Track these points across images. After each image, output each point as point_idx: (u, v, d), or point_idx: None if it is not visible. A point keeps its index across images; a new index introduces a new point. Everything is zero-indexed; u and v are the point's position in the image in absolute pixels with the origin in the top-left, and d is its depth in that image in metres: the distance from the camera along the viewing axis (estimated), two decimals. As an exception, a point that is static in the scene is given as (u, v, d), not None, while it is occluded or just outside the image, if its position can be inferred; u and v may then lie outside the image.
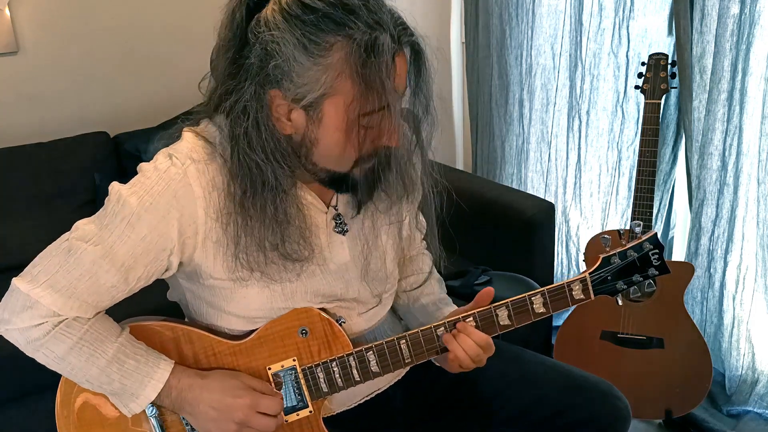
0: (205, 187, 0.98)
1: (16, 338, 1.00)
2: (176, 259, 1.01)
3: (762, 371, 1.98)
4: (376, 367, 1.09)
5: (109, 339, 1.01)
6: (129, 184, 0.99)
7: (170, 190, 0.97)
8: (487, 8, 2.49)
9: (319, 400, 1.11)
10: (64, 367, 1.01)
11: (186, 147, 1.00)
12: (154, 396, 1.02)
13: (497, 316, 1.08)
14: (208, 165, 0.99)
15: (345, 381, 1.10)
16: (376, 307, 1.19)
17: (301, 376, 1.09)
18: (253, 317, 1.08)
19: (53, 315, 0.97)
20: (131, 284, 1.00)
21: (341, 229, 1.11)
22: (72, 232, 0.99)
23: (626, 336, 1.93)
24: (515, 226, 2.15)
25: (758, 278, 1.91)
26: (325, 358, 1.09)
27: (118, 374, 1.01)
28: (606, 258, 1.08)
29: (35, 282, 0.97)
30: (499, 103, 2.56)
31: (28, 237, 2.28)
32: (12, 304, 0.98)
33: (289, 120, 0.98)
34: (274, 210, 0.99)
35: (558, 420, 1.20)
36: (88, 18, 2.63)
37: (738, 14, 1.76)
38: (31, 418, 1.92)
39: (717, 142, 1.88)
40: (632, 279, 1.08)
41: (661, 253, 1.07)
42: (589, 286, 1.08)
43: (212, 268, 1.02)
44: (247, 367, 1.08)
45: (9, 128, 2.53)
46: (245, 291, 1.05)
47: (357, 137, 0.96)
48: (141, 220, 0.97)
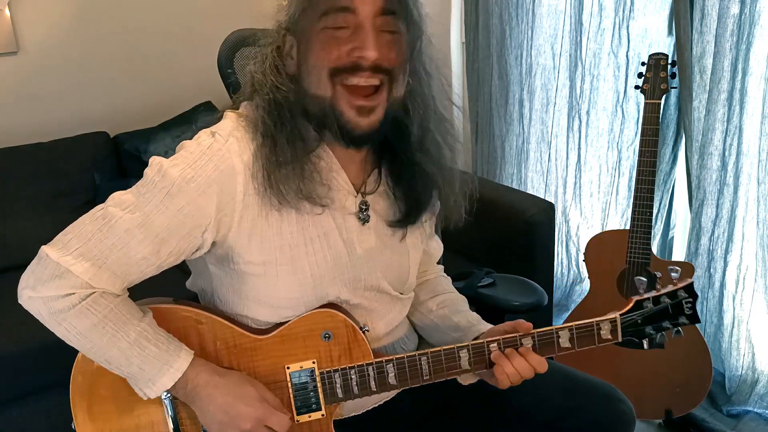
0: (246, 162, 1.00)
1: (38, 308, 0.98)
2: (210, 236, 1.01)
3: (762, 371, 1.98)
4: (394, 380, 1.09)
5: (132, 321, 1.00)
6: (170, 158, 1.00)
7: (212, 164, 0.99)
8: (487, 8, 2.49)
9: (332, 405, 1.10)
10: (84, 344, 1.00)
11: (229, 125, 1.03)
12: (171, 384, 1.02)
13: (521, 344, 1.08)
14: (250, 143, 1.01)
15: (361, 390, 1.09)
16: (395, 312, 1.19)
17: (318, 379, 1.09)
18: (281, 307, 1.08)
19: (83, 286, 0.96)
20: (162, 258, 1.00)
21: (364, 218, 1.12)
22: (108, 202, 0.99)
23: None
24: (515, 226, 2.15)
25: (758, 278, 1.91)
26: (344, 365, 1.09)
27: (138, 358, 1.00)
28: (639, 302, 1.07)
29: (66, 249, 0.96)
30: (499, 103, 2.56)
31: (28, 237, 2.28)
32: (39, 272, 0.97)
33: (291, 57, 1.04)
34: (303, 161, 1.03)
35: (561, 423, 1.20)
36: (88, 18, 2.64)
37: (738, 14, 1.76)
38: (31, 418, 1.92)
39: (717, 142, 1.88)
40: (661, 325, 1.07)
41: (695, 302, 1.06)
42: (618, 328, 1.07)
43: (246, 250, 1.03)
44: (266, 362, 1.08)
45: (9, 128, 2.54)
46: (276, 278, 1.05)
47: (329, 40, 0.99)
48: (181, 191, 0.97)
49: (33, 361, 1.86)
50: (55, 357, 1.40)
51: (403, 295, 1.21)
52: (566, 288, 2.51)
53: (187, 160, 0.99)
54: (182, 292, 1.20)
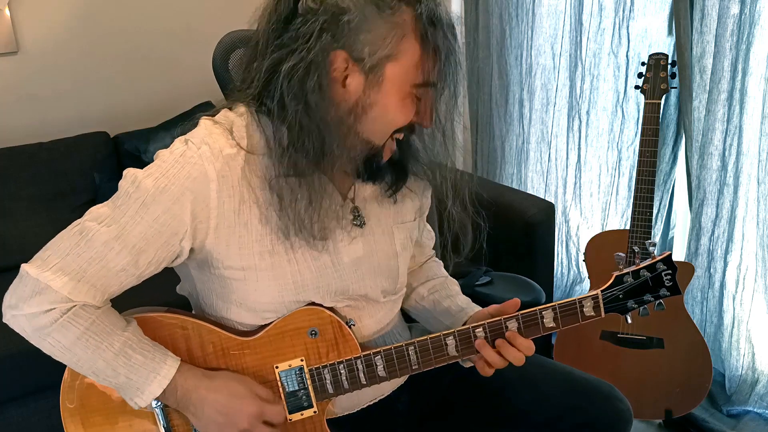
0: (219, 170, 0.99)
1: (22, 325, 0.99)
2: (188, 244, 1.01)
3: (762, 371, 1.98)
4: (383, 371, 1.09)
5: (115, 332, 1.01)
6: (145, 169, 1.00)
7: (185, 172, 0.98)
8: (487, 8, 2.49)
9: (324, 401, 1.11)
10: (70, 357, 1.00)
11: (202, 132, 1.01)
12: (160, 392, 1.02)
13: (506, 328, 1.09)
14: (223, 149, 1.00)
15: (351, 384, 1.10)
16: (385, 310, 1.19)
17: (308, 376, 1.09)
18: (263, 311, 1.07)
19: (62, 301, 0.96)
20: (141, 269, 1.00)
21: (359, 222, 1.12)
22: (85, 216, 1.00)
23: (626, 336, 1.93)
24: (515, 226, 2.15)
25: (758, 278, 1.91)
26: (333, 360, 1.09)
27: (124, 368, 1.00)
28: (619, 276, 1.08)
29: (45, 266, 0.97)
30: (499, 103, 2.56)
31: (28, 237, 2.28)
32: (21, 290, 0.98)
33: (343, 86, 0.98)
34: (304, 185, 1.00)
35: (559, 422, 1.20)
36: (88, 18, 2.64)
37: (738, 14, 1.76)
38: (30, 418, 1.92)
39: (717, 142, 1.88)
40: (643, 299, 1.08)
41: (674, 274, 1.07)
42: (601, 304, 1.08)
43: (225, 255, 1.02)
44: (255, 364, 1.08)
45: (9, 128, 2.53)
46: (256, 284, 1.05)
47: (410, 105, 0.99)
48: (155, 201, 0.97)
49: (33, 361, 1.86)
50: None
51: (394, 296, 1.20)
52: (566, 288, 2.51)
53: (161, 169, 0.99)
54: (176, 296, 1.20)
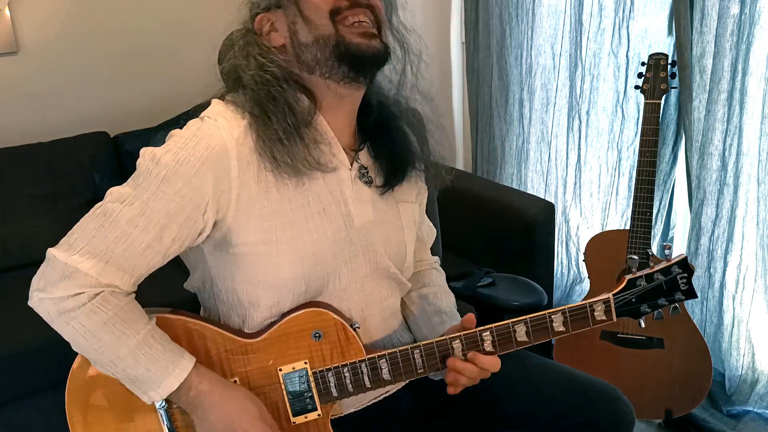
0: (237, 139, 1.01)
1: (48, 309, 0.98)
2: (211, 215, 1.01)
3: (762, 371, 1.98)
4: (388, 375, 1.09)
5: (140, 321, 1.01)
6: (162, 146, 1.02)
7: (204, 144, 1.00)
8: (487, 8, 2.49)
9: (328, 404, 1.10)
10: (92, 343, 0.99)
11: (217, 108, 1.06)
12: (177, 385, 1.01)
13: (515, 332, 1.08)
14: (239, 121, 1.03)
15: (356, 387, 1.09)
16: (393, 298, 1.20)
17: (312, 379, 1.08)
18: (281, 286, 1.07)
19: (91, 285, 0.97)
20: (166, 245, 1.00)
21: (368, 179, 1.13)
22: (106, 198, 1.01)
23: (626, 336, 1.93)
24: (515, 226, 2.15)
25: (758, 278, 1.91)
26: (337, 363, 1.08)
27: (145, 358, 1.00)
28: (632, 280, 1.05)
29: (73, 249, 0.97)
30: (499, 103, 2.56)
31: (28, 237, 2.28)
32: (49, 274, 0.98)
33: (275, 30, 1.07)
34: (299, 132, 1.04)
35: (561, 423, 1.20)
36: (88, 18, 2.64)
37: (738, 14, 1.76)
38: (30, 418, 1.92)
39: (717, 142, 1.88)
40: (657, 302, 1.05)
41: (690, 277, 1.04)
42: (612, 308, 1.05)
43: (245, 230, 1.03)
44: (258, 366, 1.08)
45: (9, 128, 2.53)
46: (276, 258, 1.05)
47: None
48: (176, 174, 0.98)
49: (33, 361, 1.86)
50: (55, 357, 1.40)
51: (402, 275, 1.20)
52: (566, 288, 2.51)
53: (179, 143, 1.00)
54: (179, 297, 1.20)
